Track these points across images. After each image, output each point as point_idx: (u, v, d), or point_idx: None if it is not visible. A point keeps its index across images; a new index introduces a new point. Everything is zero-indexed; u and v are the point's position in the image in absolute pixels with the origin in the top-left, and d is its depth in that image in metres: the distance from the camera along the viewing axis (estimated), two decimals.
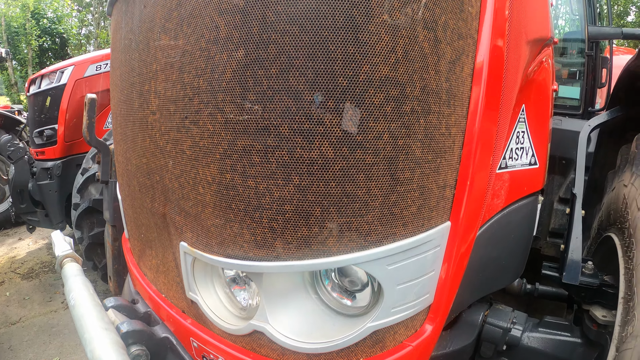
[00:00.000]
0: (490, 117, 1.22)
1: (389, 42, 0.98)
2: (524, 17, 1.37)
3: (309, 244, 1.05)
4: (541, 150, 1.85)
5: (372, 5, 0.95)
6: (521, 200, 1.76)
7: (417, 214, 1.13)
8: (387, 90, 0.99)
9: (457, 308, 1.51)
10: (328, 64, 0.94)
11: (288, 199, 1.01)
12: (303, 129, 0.97)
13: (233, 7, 0.99)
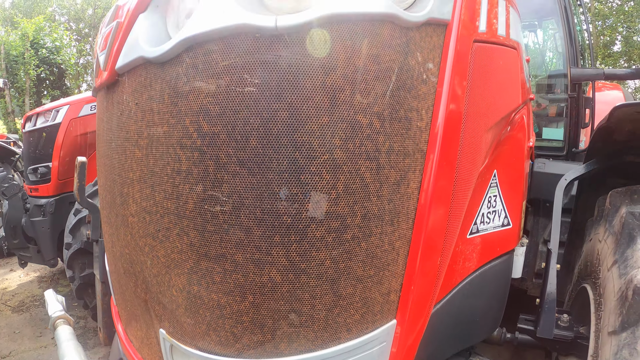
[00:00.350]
0: (438, 223, 1.22)
1: (330, 180, 1.04)
2: (485, 108, 1.39)
3: (264, 347, 1.12)
4: (515, 210, 1.90)
5: (313, 147, 1.01)
6: (494, 260, 1.80)
7: (361, 320, 1.17)
8: (328, 225, 1.05)
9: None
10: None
11: (245, 312, 1.08)
12: (254, 259, 1.05)
13: (192, 145, 1.07)
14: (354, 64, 1.04)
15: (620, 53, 20.93)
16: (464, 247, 1.61)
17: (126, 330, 1.63)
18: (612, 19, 21.23)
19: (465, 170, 1.27)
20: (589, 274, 2.00)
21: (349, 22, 1.03)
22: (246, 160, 1.03)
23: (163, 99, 1.14)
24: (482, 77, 1.31)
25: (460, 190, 1.26)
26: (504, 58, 1.55)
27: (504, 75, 1.56)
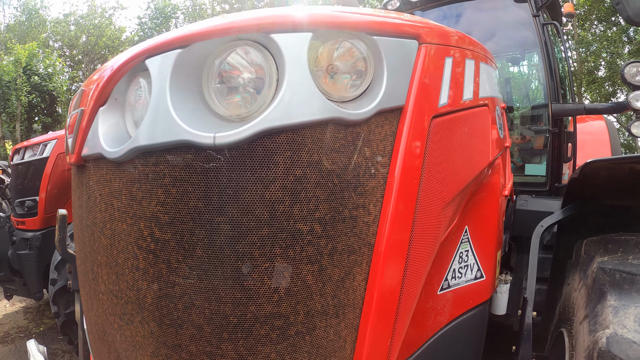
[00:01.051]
0: (388, 308, 1.20)
1: (272, 284, 1.07)
2: (446, 182, 1.38)
3: None
4: (488, 262, 1.91)
5: (254, 257, 1.06)
6: (468, 312, 1.82)
7: None
8: (272, 323, 1.08)
9: None
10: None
11: None
12: (206, 351, 1.11)
13: (147, 247, 1.11)
14: (294, 174, 1.06)
15: (604, 78, 21.31)
16: (434, 303, 1.63)
17: None
18: (595, 45, 21.68)
19: (421, 249, 1.27)
20: (566, 319, 2.01)
21: (287, 132, 1.05)
22: (194, 267, 1.07)
23: (121, 197, 1.17)
24: (443, 152, 1.33)
25: (415, 270, 1.26)
26: (471, 121, 1.57)
27: (470, 139, 1.57)
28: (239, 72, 1.10)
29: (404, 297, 1.20)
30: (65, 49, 28.71)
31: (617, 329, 1.46)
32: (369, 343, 1.14)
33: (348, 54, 1.16)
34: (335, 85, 1.14)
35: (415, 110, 1.18)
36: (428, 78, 1.26)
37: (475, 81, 1.60)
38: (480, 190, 1.85)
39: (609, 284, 1.66)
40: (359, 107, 1.11)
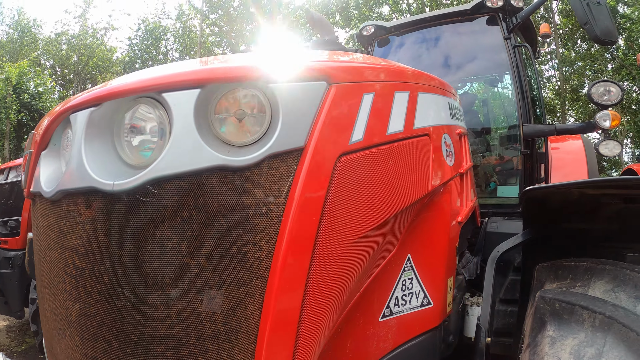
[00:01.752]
0: (285, 336, 1.22)
1: (164, 309, 1.21)
2: (358, 217, 1.38)
3: None
4: (437, 289, 1.94)
5: (149, 285, 1.21)
6: (415, 339, 1.85)
7: None
8: (167, 343, 1.21)
9: None
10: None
11: None
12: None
13: (70, 273, 1.29)
14: (181, 215, 1.17)
15: None
16: (375, 330, 1.69)
17: None
18: (580, 63, 22.10)
19: (325, 280, 1.29)
20: (521, 346, 1.99)
21: (174, 179, 1.17)
22: (103, 292, 1.22)
23: (54, 230, 1.34)
24: (354, 188, 1.35)
25: (317, 301, 1.27)
26: (400, 153, 1.59)
27: (398, 171, 1.58)
28: (141, 126, 1.26)
29: (304, 326, 1.23)
30: (57, 67, 28.83)
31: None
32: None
33: (244, 103, 1.24)
34: (234, 132, 1.23)
35: (317, 150, 1.22)
36: (337, 117, 1.30)
37: (408, 113, 1.65)
38: (425, 218, 1.88)
39: (549, 313, 1.65)
40: (250, 153, 1.19)
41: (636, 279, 1.57)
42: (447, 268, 2.02)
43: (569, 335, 1.52)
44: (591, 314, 1.49)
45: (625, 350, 1.34)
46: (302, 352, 1.23)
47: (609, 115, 3.52)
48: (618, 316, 1.41)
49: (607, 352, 1.37)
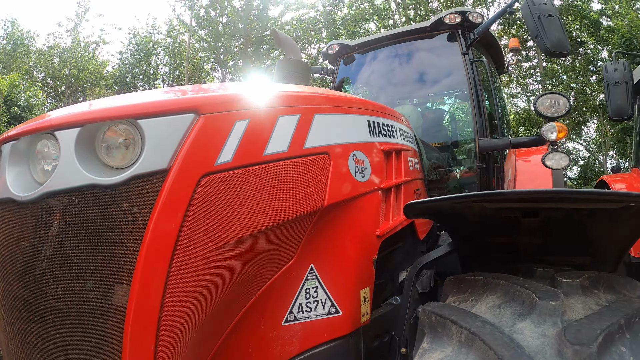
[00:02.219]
0: (147, 323, 1.41)
1: (42, 302, 1.48)
2: (215, 229, 1.53)
3: None
4: (346, 298, 2.05)
5: (38, 279, 1.48)
6: (323, 345, 1.97)
7: None
8: (55, 314, 1.47)
9: None
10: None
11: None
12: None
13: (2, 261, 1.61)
14: (65, 220, 1.45)
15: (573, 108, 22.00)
16: (279, 333, 1.86)
17: None
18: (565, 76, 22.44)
19: (185, 277, 1.47)
20: None
21: (61, 193, 1.46)
22: (16, 273, 1.53)
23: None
24: (217, 202, 1.53)
25: (178, 294, 1.46)
26: (282, 170, 1.73)
27: (277, 186, 1.72)
28: (45, 154, 1.60)
29: (166, 314, 1.42)
30: (49, 80, 28.94)
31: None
32: (132, 342, 1.38)
33: (118, 135, 1.51)
34: (115, 158, 1.50)
35: (180, 171, 1.43)
36: (202, 143, 1.50)
37: (296, 134, 1.80)
38: (329, 231, 2.02)
39: (427, 325, 1.71)
40: (120, 174, 1.44)
41: (524, 296, 1.61)
42: (358, 279, 2.13)
43: (438, 348, 1.57)
44: (459, 328, 1.52)
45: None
46: (164, 333, 1.42)
47: (555, 128, 3.51)
48: (482, 333, 1.43)
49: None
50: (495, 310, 1.63)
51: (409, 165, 2.85)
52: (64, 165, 1.46)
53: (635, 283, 1.86)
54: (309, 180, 1.87)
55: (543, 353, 1.34)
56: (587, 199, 1.83)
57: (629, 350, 1.36)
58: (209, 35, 22.57)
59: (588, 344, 1.29)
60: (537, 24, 3.40)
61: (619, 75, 4.89)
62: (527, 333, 1.43)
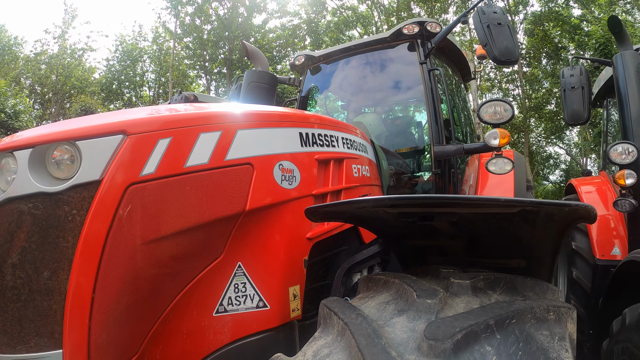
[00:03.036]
0: (83, 296, 1.71)
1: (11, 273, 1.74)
2: (140, 227, 1.81)
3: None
4: (273, 294, 2.24)
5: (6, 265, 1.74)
6: (253, 336, 2.16)
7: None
8: (12, 291, 1.72)
9: None
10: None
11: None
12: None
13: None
14: (21, 218, 1.73)
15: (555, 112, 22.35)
16: (210, 322, 2.09)
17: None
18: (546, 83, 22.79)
19: (115, 265, 1.76)
20: None
21: (18, 199, 1.73)
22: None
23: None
24: (141, 205, 1.81)
25: (108, 279, 1.76)
26: (200, 181, 1.99)
27: (198, 193, 1.99)
28: (9, 169, 1.84)
29: (98, 296, 1.72)
30: (36, 86, 28.92)
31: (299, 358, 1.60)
32: (71, 317, 1.68)
33: (64, 153, 1.77)
34: (61, 171, 1.77)
35: (109, 181, 1.74)
36: (128, 158, 1.79)
37: (217, 148, 2.06)
38: (255, 233, 2.23)
39: (322, 317, 1.84)
40: (63, 184, 1.73)
41: (408, 294, 1.73)
42: (287, 277, 2.33)
43: (323, 337, 1.70)
44: (338, 320, 1.64)
45: (344, 351, 1.49)
46: (96, 310, 1.72)
47: (498, 134, 3.59)
48: (352, 324, 1.53)
49: (334, 355, 1.51)
50: (382, 306, 1.76)
51: (352, 172, 3.02)
52: (20, 177, 1.74)
53: (547, 286, 1.91)
54: (229, 188, 2.10)
55: (405, 345, 1.42)
56: (472, 204, 1.92)
57: (495, 350, 1.39)
58: (194, 42, 22.73)
59: (443, 339, 1.34)
60: (486, 33, 3.53)
61: (575, 80, 4.98)
62: (399, 327, 1.53)
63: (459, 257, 2.40)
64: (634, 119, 4.48)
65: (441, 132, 4.49)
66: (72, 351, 1.67)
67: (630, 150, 4.22)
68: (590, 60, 5.47)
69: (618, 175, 4.29)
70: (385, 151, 4.19)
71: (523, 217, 1.92)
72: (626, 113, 4.58)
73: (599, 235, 5.35)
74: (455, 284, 1.77)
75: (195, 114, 2.18)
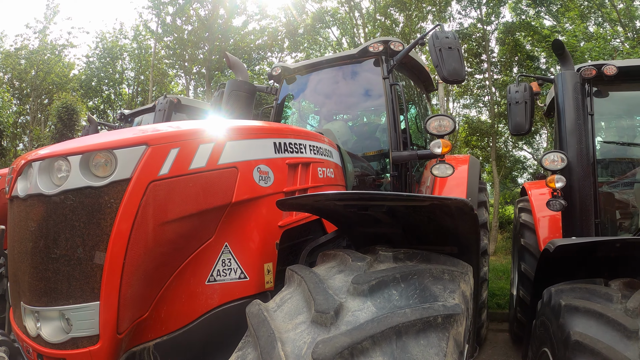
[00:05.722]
0: (115, 265, 2.26)
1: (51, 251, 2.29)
2: (158, 212, 2.37)
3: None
4: (252, 268, 2.80)
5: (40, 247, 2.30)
6: (235, 301, 2.70)
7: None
8: (63, 262, 2.29)
9: None
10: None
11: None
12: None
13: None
14: (72, 205, 2.24)
15: None
16: (203, 289, 2.62)
17: (14, 319, 2.65)
18: None
19: (139, 244, 2.30)
20: None
21: (72, 191, 2.25)
22: (33, 245, 2.33)
23: (22, 215, 2.44)
24: (158, 197, 2.37)
25: (135, 255, 2.30)
26: (202, 178, 2.58)
27: (197, 188, 2.56)
28: (62, 168, 2.35)
29: (128, 262, 2.28)
30: (15, 81, 28.64)
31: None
32: (107, 277, 2.23)
33: (103, 157, 2.28)
34: (100, 170, 2.28)
35: (136, 179, 2.31)
36: (150, 163, 2.37)
37: (212, 155, 2.65)
38: (238, 220, 2.79)
39: (287, 278, 2.44)
40: (104, 180, 2.26)
41: (347, 260, 2.31)
42: (262, 256, 2.90)
43: (287, 289, 2.28)
44: (297, 276, 2.24)
45: (300, 295, 2.10)
46: (126, 273, 2.27)
47: (441, 144, 4.19)
48: (306, 278, 2.13)
49: (293, 297, 2.11)
50: (328, 269, 2.30)
51: (318, 174, 3.58)
52: (73, 175, 2.23)
53: (457, 261, 2.35)
54: (220, 185, 2.69)
55: (340, 290, 2.01)
56: (388, 198, 2.38)
57: (399, 294, 1.95)
58: (174, 42, 22.92)
59: (362, 284, 1.96)
60: (438, 55, 4.05)
61: (519, 96, 5.48)
62: (337, 280, 2.12)
63: (400, 243, 2.85)
64: (568, 130, 5.09)
65: (399, 139, 5.04)
66: (106, 303, 2.23)
67: (561, 157, 4.87)
68: (535, 78, 6.08)
69: (549, 179, 4.92)
70: (351, 155, 4.69)
71: (440, 209, 2.36)
72: (562, 125, 5.20)
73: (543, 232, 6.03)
74: (382, 255, 2.34)
75: (197, 129, 2.75)
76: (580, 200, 4.88)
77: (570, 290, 2.87)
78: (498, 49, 23.37)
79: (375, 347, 1.65)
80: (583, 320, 2.48)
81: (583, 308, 2.55)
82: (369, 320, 1.75)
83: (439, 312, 1.81)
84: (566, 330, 2.45)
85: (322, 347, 1.61)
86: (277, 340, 1.76)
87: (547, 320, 2.85)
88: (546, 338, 2.84)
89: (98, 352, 2.20)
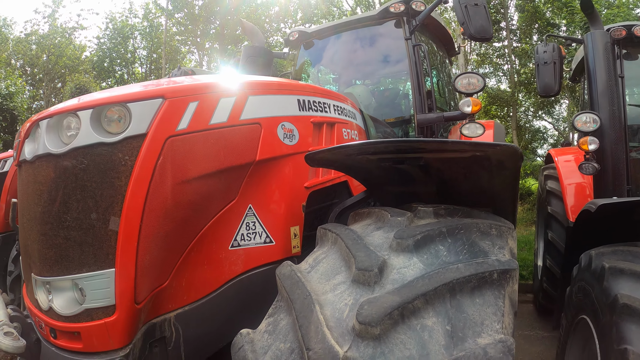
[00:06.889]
0: (131, 229, 2.08)
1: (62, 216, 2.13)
2: (177, 170, 2.20)
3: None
4: (279, 232, 2.64)
5: (54, 208, 2.14)
6: (261, 267, 2.56)
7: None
8: (76, 227, 2.11)
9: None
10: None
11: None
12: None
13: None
14: (84, 162, 2.07)
15: None
16: (226, 255, 2.47)
17: (27, 294, 2.52)
18: None
19: (157, 205, 2.14)
20: None
21: (83, 147, 2.06)
22: (46, 209, 2.16)
23: (31, 178, 2.27)
24: (177, 153, 2.20)
25: (151, 219, 2.12)
26: (221, 135, 2.40)
27: (219, 144, 2.39)
28: (72, 125, 2.17)
29: (145, 223, 2.11)
30: (27, 67, 28.82)
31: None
32: (123, 242, 2.05)
33: (117, 113, 2.11)
34: (113, 126, 2.11)
35: (153, 134, 2.12)
36: (167, 117, 2.19)
37: (233, 110, 2.47)
38: (263, 180, 2.62)
39: (319, 237, 2.34)
40: (117, 137, 2.08)
41: (385, 216, 2.17)
42: (289, 219, 2.73)
43: (320, 249, 2.19)
44: (332, 234, 2.14)
45: (336, 254, 1.99)
46: (143, 235, 2.10)
47: (470, 102, 4.03)
48: (342, 234, 2.02)
49: (328, 257, 2.01)
50: (365, 227, 2.19)
51: (343, 135, 3.40)
52: (83, 131, 2.06)
53: (499, 218, 2.23)
54: (243, 142, 2.51)
55: (381, 246, 1.88)
56: (437, 149, 2.25)
57: (446, 249, 1.82)
58: (186, 18, 22.68)
59: (406, 239, 1.82)
60: (464, 13, 3.89)
61: (548, 56, 5.32)
62: (377, 236, 2.00)
63: (432, 203, 2.61)
64: (600, 92, 4.88)
65: (424, 101, 4.92)
66: (121, 270, 2.06)
67: (594, 119, 4.66)
68: (563, 39, 5.79)
69: (582, 141, 4.73)
70: (374, 120, 4.53)
71: (479, 164, 2.20)
72: (593, 86, 4.98)
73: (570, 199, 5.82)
74: (421, 211, 2.17)
75: (217, 82, 2.57)
76: (613, 164, 4.69)
77: (612, 253, 2.75)
78: (517, 16, 22.74)
79: (428, 306, 1.51)
80: (630, 282, 2.37)
81: (629, 270, 2.42)
82: (418, 277, 1.61)
83: (494, 267, 1.68)
84: (612, 293, 2.34)
85: (368, 309, 1.46)
86: (315, 303, 1.62)
87: (588, 285, 2.74)
88: (586, 304, 2.74)
89: (114, 324, 2.05)
